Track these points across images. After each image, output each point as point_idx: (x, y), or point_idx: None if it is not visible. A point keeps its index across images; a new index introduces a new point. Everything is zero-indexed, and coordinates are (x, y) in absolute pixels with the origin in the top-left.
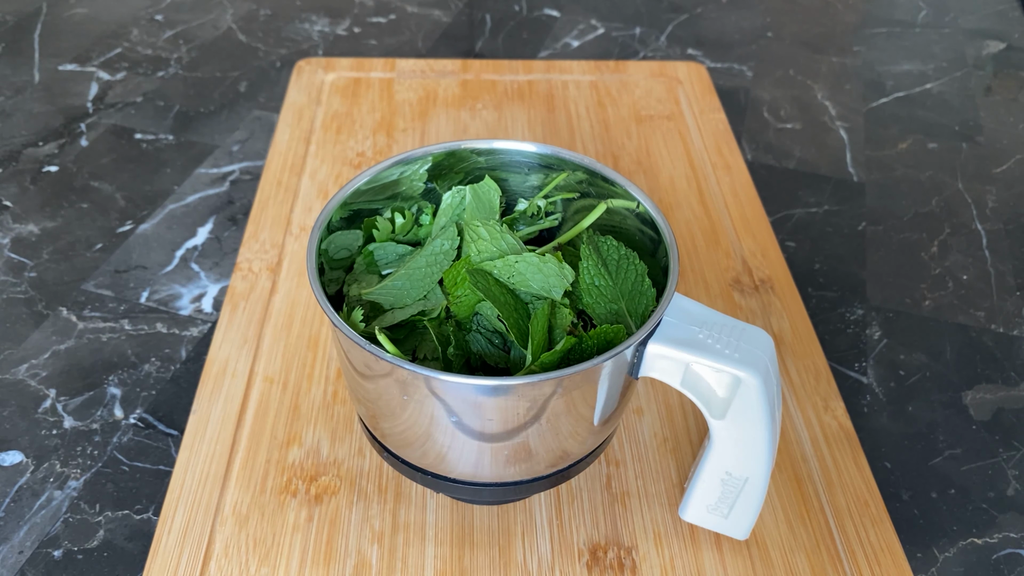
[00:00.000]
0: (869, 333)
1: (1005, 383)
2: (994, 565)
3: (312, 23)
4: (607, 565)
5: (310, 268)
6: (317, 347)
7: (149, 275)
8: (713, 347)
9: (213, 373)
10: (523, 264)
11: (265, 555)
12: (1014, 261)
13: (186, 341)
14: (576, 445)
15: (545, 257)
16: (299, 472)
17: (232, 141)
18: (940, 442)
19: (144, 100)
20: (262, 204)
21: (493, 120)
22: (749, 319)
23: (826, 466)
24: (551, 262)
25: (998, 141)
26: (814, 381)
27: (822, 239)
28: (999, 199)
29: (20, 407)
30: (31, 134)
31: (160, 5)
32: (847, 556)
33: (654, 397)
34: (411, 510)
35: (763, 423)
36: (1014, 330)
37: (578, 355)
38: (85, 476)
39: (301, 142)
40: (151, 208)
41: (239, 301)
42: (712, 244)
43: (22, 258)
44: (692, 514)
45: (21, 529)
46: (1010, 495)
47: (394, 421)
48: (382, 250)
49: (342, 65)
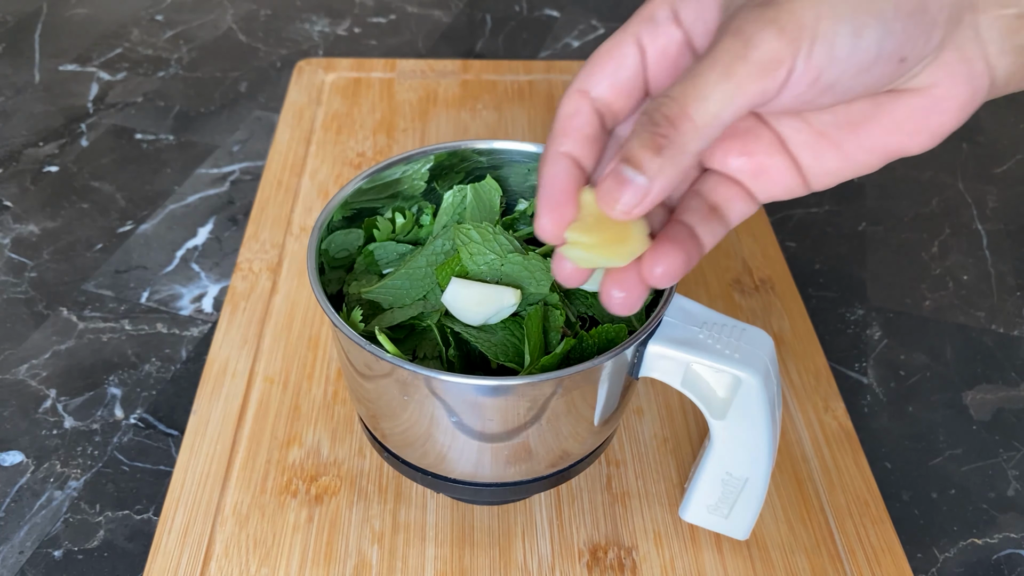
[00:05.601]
0: (869, 333)
1: (1005, 383)
2: (994, 565)
3: (312, 23)
4: (607, 565)
5: (310, 268)
6: (317, 347)
7: (149, 275)
8: (713, 347)
9: (213, 373)
10: (508, 265)
11: (265, 555)
12: (1014, 261)
13: (186, 341)
14: (576, 445)
15: (529, 255)
16: (299, 472)
17: (232, 141)
18: (940, 442)
19: (144, 100)
20: (262, 204)
21: (493, 120)
22: (749, 319)
23: (826, 466)
24: (535, 259)
25: (999, 141)
26: (814, 381)
27: (822, 239)
28: (1000, 199)
29: (20, 407)
30: (31, 134)
31: (160, 5)
32: (847, 556)
33: (654, 397)
34: (411, 510)
35: (763, 423)
36: (1014, 330)
37: (578, 355)
38: (85, 476)
39: (301, 142)
40: (151, 208)
41: (239, 301)
42: None
43: (22, 258)
44: (692, 514)
45: (21, 529)
46: (1010, 495)
47: (394, 421)
48: (382, 250)
49: (342, 65)
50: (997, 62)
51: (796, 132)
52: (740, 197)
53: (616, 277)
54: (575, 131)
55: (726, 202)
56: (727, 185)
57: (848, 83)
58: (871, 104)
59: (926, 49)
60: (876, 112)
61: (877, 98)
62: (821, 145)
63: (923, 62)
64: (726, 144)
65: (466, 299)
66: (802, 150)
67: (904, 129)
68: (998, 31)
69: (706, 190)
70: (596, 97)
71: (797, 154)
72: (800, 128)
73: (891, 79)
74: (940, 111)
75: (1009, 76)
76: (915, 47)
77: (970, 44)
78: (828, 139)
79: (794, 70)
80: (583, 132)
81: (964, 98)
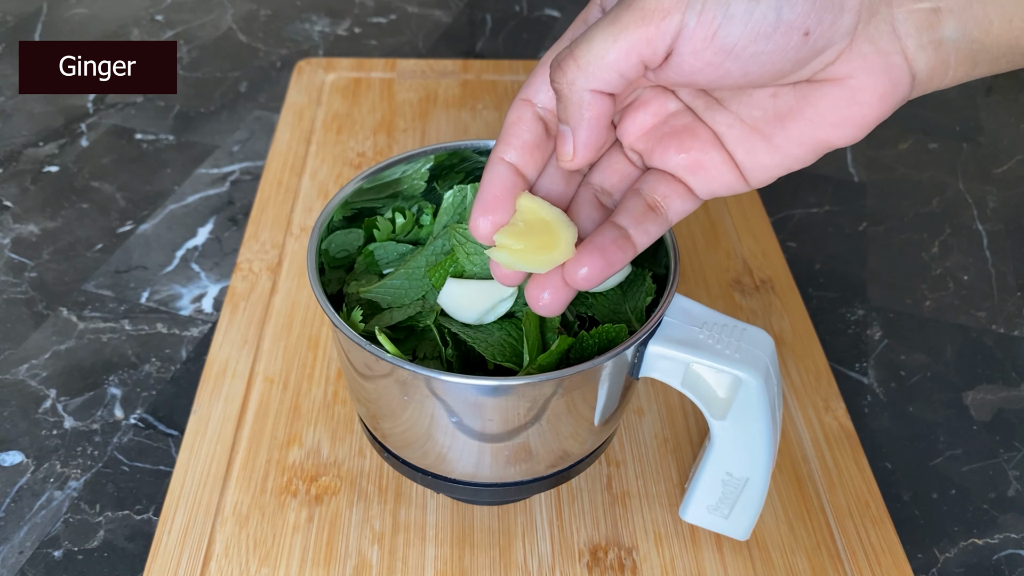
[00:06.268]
0: (870, 333)
1: (1006, 383)
2: (995, 566)
3: (312, 23)
4: (607, 566)
5: (310, 268)
6: (317, 347)
7: (149, 275)
8: (714, 347)
9: (213, 373)
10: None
11: (265, 556)
12: (1015, 261)
13: (186, 341)
14: (576, 445)
15: None
16: (299, 472)
17: (232, 141)
18: (941, 442)
19: (144, 100)
20: (262, 204)
21: (494, 120)
22: (750, 319)
23: (827, 466)
24: None
25: (999, 141)
26: (815, 381)
27: (823, 239)
28: (1000, 199)
29: (20, 407)
30: (31, 134)
31: (160, 5)
32: (848, 556)
33: (654, 397)
34: (411, 510)
35: (764, 423)
36: (1015, 330)
37: (579, 355)
38: (85, 476)
39: (301, 142)
40: (151, 208)
41: (239, 301)
42: (713, 244)
43: (22, 258)
44: (693, 514)
45: (21, 529)
46: (1011, 496)
47: (394, 421)
48: (382, 250)
49: (342, 65)
50: (916, 56)
51: (729, 128)
52: (680, 194)
53: (541, 280)
54: (516, 139)
55: (665, 199)
56: (668, 183)
57: (750, 49)
58: (795, 96)
59: (834, 31)
60: (801, 104)
61: (800, 89)
62: (753, 139)
63: (834, 47)
64: (664, 142)
65: (462, 297)
66: (736, 146)
67: (829, 120)
68: (914, 25)
69: (647, 188)
70: (540, 105)
71: (732, 150)
72: (733, 123)
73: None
74: (859, 102)
75: (931, 71)
76: (821, 24)
77: (886, 37)
78: (759, 133)
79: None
80: (524, 139)
81: (883, 90)
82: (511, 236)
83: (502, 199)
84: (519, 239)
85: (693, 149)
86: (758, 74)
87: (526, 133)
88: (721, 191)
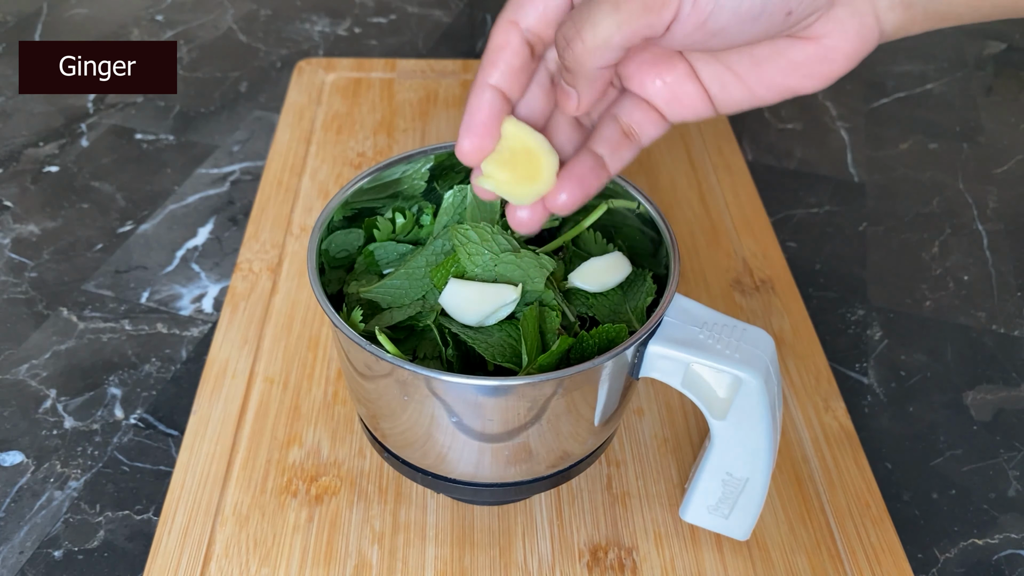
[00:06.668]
0: (870, 334)
1: (1006, 383)
2: (995, 566)
3: (312, 23)
4: (607, 566)
5: (311, 268)
6: (317, 347)
7: (149, 275)
8: (714, 347)
9: (213, 373)
10: (502, 265)
11: (265, 555)
12: (1015, 262)
13: (186, 341)
14: (577, 445)
15: (522, 253)
16: (299, 472)
17: (232, 141)
18: (941, 442)
19: (145, 100)
20: (262, 204)
21: None
22: (750, 319)
23: (827, 466)
24: (528, 256)
25: (999, 141)
26: (815, 381)
27: (823, 239)
28: (1000, 199)
29: (20, 407)
30: (32, 134)
31: (160, 5)
32: (848, 557)
33: (654, 397)
34: (411, 510)
35: (764, 423)
36: (1015, 331)
37: (579, 355)
38: (85, 476)
39: (302, 142)
40: (151, 208)
41: (239, 301)
42: (713, 244)
43: (23, 258)
44: (693, 514)
45: (22, 529)
46: (1011, 496)
47: (394, 421)
48: (383, 250)
49: (343, 65)
50: (886, 16)
51: (706, 65)
52: (653, 121)
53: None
54: (503, 63)
55: (639, 125)
56: (643, 109)
57: (735, 30)
58: (770, 48)
59: (815, 4)
60: (775, 55)
61: (776, 43)
62: (727, 78)
63: (814, 15)
64: (644, 69)
65: (465, 299)
66: (711, 81)
67: (800, 72)
68: None
69: (624, 113)
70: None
71: (707, 84)
72: (709, 62)
73: (778, 30)
74: (830, 60)
75: (897, 28)
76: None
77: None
78: (734, 73)
79: (681, 11)
80: (511, 64)
81: (853, 48)
82: (497, 165)
83: (488, 124)
84: (504, 168)
85: (670, 79)
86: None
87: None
88: (690, 118)
